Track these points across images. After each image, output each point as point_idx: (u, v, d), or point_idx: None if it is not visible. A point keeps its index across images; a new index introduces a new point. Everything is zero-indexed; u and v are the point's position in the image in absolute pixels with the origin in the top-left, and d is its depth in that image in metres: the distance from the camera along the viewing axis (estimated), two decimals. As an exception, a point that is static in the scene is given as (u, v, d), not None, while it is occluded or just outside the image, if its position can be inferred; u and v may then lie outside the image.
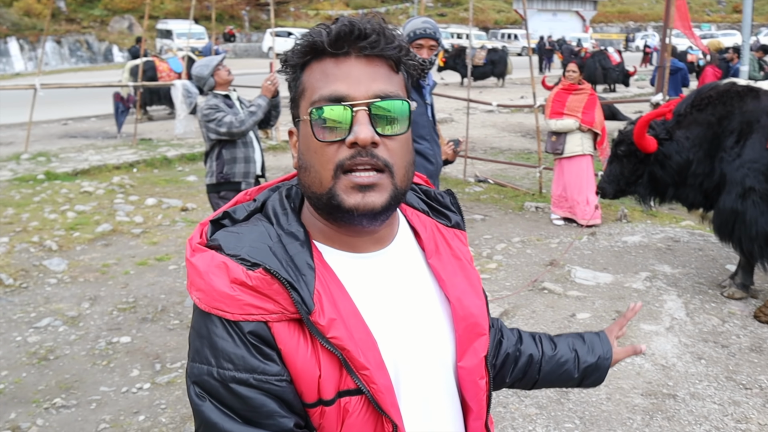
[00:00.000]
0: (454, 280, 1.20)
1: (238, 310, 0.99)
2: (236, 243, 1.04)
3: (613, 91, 22.14)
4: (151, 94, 14.84)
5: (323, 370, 1.02)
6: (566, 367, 1.51)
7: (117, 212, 7.93)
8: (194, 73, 4.90)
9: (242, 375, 0.99)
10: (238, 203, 1.17)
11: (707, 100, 5.17)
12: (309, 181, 1.07)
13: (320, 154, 1.04)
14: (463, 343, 1.18)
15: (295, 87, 1.10)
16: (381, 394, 1.03)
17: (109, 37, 36.00)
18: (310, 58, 1.07)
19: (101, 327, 4.99)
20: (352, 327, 1.03)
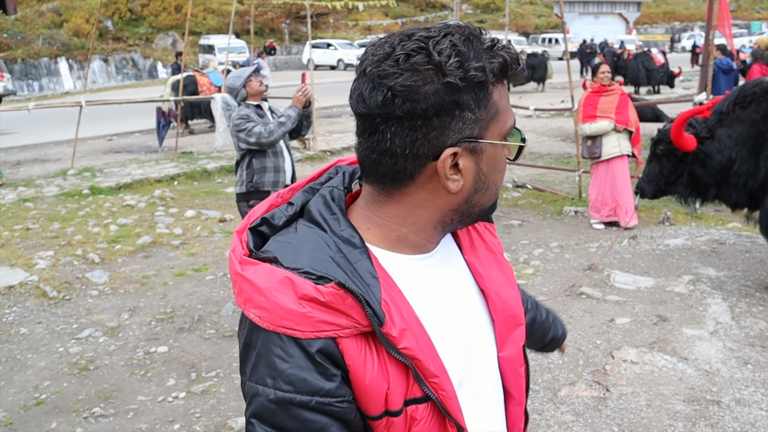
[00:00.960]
0: (491, 274, 1.20)
1: (309, 327, 0.95)
2: (294, 255, 1.00)
3: (657, 92, 21.71)
4: (192, 108, 15.09)
5: (392, 382, 1.00)
6: (545, 333, 1.68)
7: (157, 224, 8.07)
8: (227, 84, 4.97)
9: (303, 398, 0.96)
10: (272, 207, 1.12)
11: (751, 97, 5.02)
12: (484, 199, 1.09)
13: (504, 171, 1.09)
14: (502, 335, 1.19)
15: (484, 107, 1.01)
16: (449, 399, 1.03)
17: (153, 54, 36.78)
18: (497, 79, 1.02)
19: (140, 337, 5.06)
20: (418, 335, 1.02)
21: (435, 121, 0.98)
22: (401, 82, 0.96)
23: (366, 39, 43.97)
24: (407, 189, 1.04)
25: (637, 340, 4.68)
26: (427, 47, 0.96)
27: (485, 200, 1.08)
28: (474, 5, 51.72)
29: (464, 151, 1.02)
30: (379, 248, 1.07)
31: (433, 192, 1.04)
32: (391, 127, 0.99)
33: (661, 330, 4.82)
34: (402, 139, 0.99)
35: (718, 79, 10.87)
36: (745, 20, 46.85)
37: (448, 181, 1.02)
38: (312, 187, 1.15)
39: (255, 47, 27.04)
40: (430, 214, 1.07)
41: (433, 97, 0.96)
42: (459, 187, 1.03)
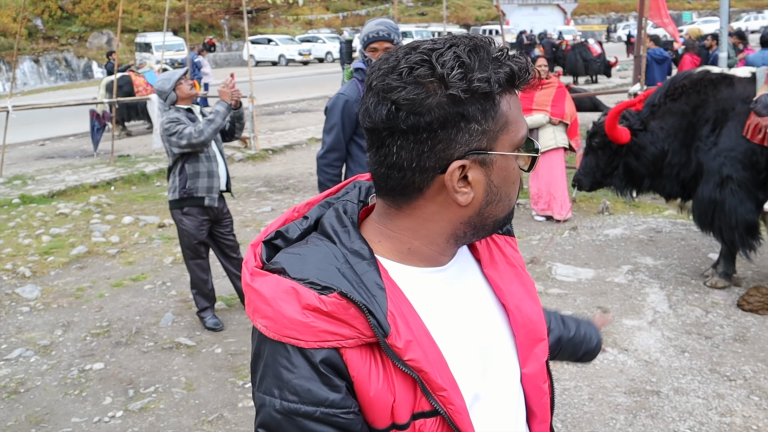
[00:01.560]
0: (511, 288, 1.19)
1: (313, 337, 0.95)
2: (301, 265, 1.00)
3: (595, 82, 22.12)
4: (128, 109, 14.67)
5: (398, 395, 0.99)
6: (576, 348, 1.59)
7: (93, 233, 7.79)
8: (156, 87, 4.81)
9: (308, 408, 0.96)
10: (288, 221, 1.12)
11: (681, 90, 5.11)
12: (498, 211, 1.07)
13: (517, 182, 1.08)
14: (524, 350, 1.18)
15: (492, 118, 1.00)
16: (458, 414, 1.02)
17: (88, 54, 35.75)
18: (505, 89, 1.00)
19: (74, 354, 4.86)
20: (426, 347, 1.00)
21: (440, 134, 0.98)
22: (404, 96, 0.96)
23: (307, 33, 43.62)
24: (417, 202, 1.04)
25: (579, 333, 4.71)
26: (430, 59, 0.96)
27: (498, 212, 1.07)
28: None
29: (473, 164, 1.01)
30: (390, 261, 1.07)
31: (443, 205, 1.04)
32: (397, 141, 0.99)
33: (602, 322, 4.87)
34: (408, 152, 0.99)
35: (651, 69, 11.09)
36: (676, 10, 48.08)
37: (457, 194, 1.01)
38: (328, 202, 1.16)
39: (194, 44, 26.52)
40: (441, 227, 1.06)
41: (437, 110, 0.96)
42: (469, 200, 1.03)
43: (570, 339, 1.56)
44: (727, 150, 4.88)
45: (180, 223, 4.85)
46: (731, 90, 4.95)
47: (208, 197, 4.75)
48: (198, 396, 4.22)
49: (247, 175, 11.02)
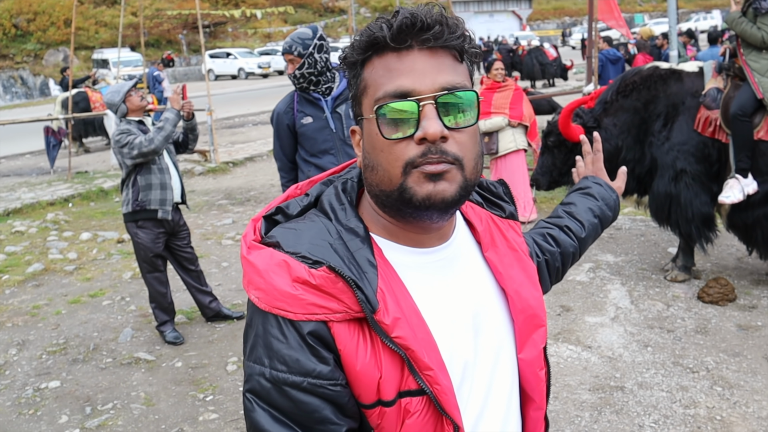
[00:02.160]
0: (511, 273, 1.18)
1: (301, 309, 0.97)
2: (295, 240, 1.02)
3: (552, 85, 22.40)
4: (85, 125, 14.44)
5: (384, 371, 1.00)
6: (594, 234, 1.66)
7: (50, 250, 7.61)
8: (105, 100, 4.72)
9: (295, 378, 0.97)
10: (289, 198, 1.14)
11: (632, 86, 5.17)
12: (377, 179, 1.04)
13: (388, 152, 1.01)
14: (522, 335, 1.17)
15: (356, 84, 1.06)
16: (444, 395, 1.01)
17: (44, 71, 35.12)
18: (371, 53, 1.03)
19: (29, 373, 4.72)
20: (415, 326, 1.01)
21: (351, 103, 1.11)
22: None
23: (266, 46, 43.47)
24: None
25: (543, 332, 4.72)
26: None
27: (378, 180, 1.03)
28: (372, 8, 51.98)
29: (360, 128, 1.09)
30: (384, 239, 1.08)
31: None
32: None
33: (564, 320, 4.89)
34: None
35: (606, 69, 11.25)
36: (628, 13, 48.98)
37: (358, 156, 1.10)
38: (330, 180, 1.17)
39: (153, 60, 26.25)
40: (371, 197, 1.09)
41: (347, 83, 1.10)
42: (360, 163, 1.09)
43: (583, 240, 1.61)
44: (680, 144, 4.95)
45: (135, 237, 4.75)
46: (680, 85, 5.02)
47: (162, 210, 4.66)
48: (158, 411, 4.12)
49: (208, 188, 10.88)
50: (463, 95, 1.01)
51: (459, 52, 1.05)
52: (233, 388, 4.30)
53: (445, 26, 1.01)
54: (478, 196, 1.28)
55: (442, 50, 1.02)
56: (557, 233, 1.57)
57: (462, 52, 1.05)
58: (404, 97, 0.99)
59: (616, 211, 1.70)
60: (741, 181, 4.74)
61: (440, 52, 1.02)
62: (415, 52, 1.01)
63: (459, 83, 1.02)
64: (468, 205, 1.23)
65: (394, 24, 1.00)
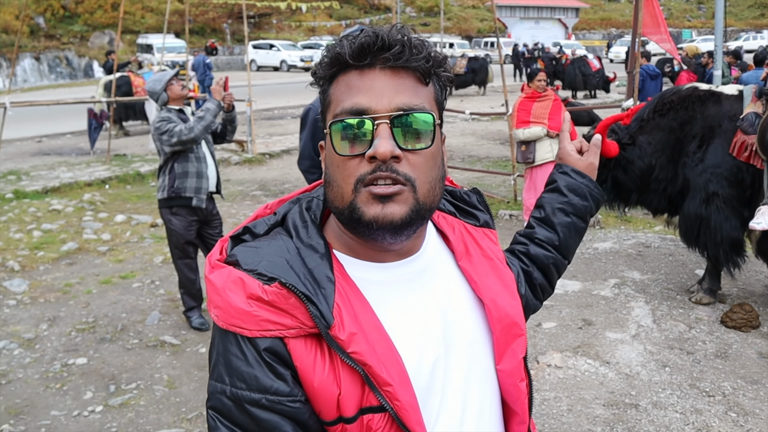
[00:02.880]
0: (487, 282, 1.17)
1: (255, 326, 0.97)
2: (253, 257, 1.02)
3: (593, 97, 22.18)
4: (126, 109, 14.72)
5: (343, 387, 0.99)
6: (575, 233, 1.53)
7: (84, 230, 7.82)
8: (147, 88, 4.84)
9: (254, 395, 0.96)
10: (258, 217, 1.14)
11: (669, 105, 5.15)
12: (332, 195, 1.04)
13: (342, 168, 1.02)
14: (500, 346, 1.15)
15: (323, 100, 1.08)
16: (405, 411, 1.00)
17: (89, 53, 35.82)
18: (336, 70, 1.04)
19: (58, 349, 4.87)
20: (375, 341, 1.00)
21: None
22: None
23: (309, 40, 43.75)
24: None
25: (562, 345, 4.74)
26: None
27: (333, 196, 1.05)
28: (417, 8, 52.00)
29: (324, 142, 1.09)
30: (347, 256, 1.08)
31: None
32: None
33: (585, 334, 4.90)
34: None
35: (645, 85, 11.15)
36: (676, 28, 48.31)
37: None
38: (299, 198, 1.17)
39: (197, 47, 26.58)
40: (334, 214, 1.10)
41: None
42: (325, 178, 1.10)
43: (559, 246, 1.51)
44: (714, 167, 4.92)
45: (169, 223, 4.87)
46: (718, 107, 4.99)
47: (196, 198, 4.77)
48: (179, 394, 4.23)
49: (243, 179, 11.04)
50: (419, 117, 1.01)
51: (423, 74, 1.04)
52: (253, 378, 4.40)
53: (407, 47, 1.01)
54: (451, 206, 1.27)
55: (405, 71, 1.02)
56: (531, 248, 1.50)
57: (426, 74, 1.04)
58: (359, 114, 1.00)
59: (594, 198, 1.55)
60: (774, 208, 4.70)
61: (402, 73, 1.02)
62: (377, 71, 1.01)
63: (416, 105, 1.01)
64: (440, 214, 1.22)
65: (356, 42, 1.01)
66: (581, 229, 1.54)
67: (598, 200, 1.55)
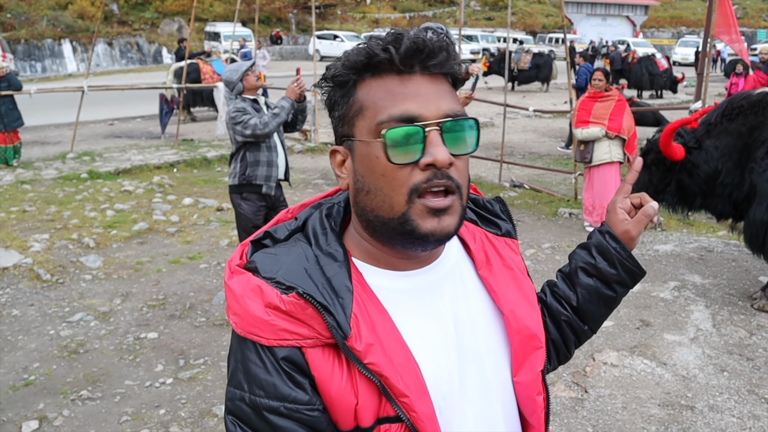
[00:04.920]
0: (506, 292, 1.16)
1: (273, 335, 0.98)
2: (272, 265, 1.02)
3: (660, 97, 21.70)
4: (194, 95, 15.15)
5: (361, 397, 0.99)
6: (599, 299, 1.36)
7: (154, 211, 8.15)
8: (224, 77, 5.03)
9: (273, 403, 0.97)
10: (279, 222, 1.15)
11: (738, 110, 5.09)
12: (374, 204, 1.02)
13: (391, 178, 0.99)
14: (518, 357, 1.14)
15: (345, 104, 1.04)
16: (421, 422, 1.00)
17: (159, 39, 36.77)
18: (368, 74, 1.02)
19: (130, 323, 5.14)
20: (392, 352, 1.00)
21: (332, 122, 1.09)
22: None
23: (373, 32, 43.95)
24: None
25: (619, 344, 4.76)
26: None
27: (375, 205, 1.02)
28: (482, 2, 51.62)
29: (345, 151, 1.07)
30: (366, 264, 1.08)
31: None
32: None
33: (643, 334, 4.91)
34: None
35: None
36: (751, 27, 46.71)
37: (339, 178, 1.09)
38: (321, 203, 1.17)
39: (263, 36, 26.94)
40: (356, 221, 1.10)
41: (328, 100, 1.08)
42: (345, 185, 1.08)
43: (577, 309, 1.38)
44: (783, 173, 4.84)
45: (238, 207, 5.07)
46: (791, 113, 4.91)
47: (266, 185, 4.95)
48: (243, 371, 4.42)
49: (306, 167, 11.27)
50: (465, 122, 1.02)
51: (455, 79, 1.07)
52: (313, 360, 4.56)
53: (449, 53, 1.03)
54: (473, 214, 1.25)
55: (441, 76, 1.04)
56: (548, 299, 1.40)
57: (458, 80, 1.07)
58: (411, 121, 0.98)
59: (626, 269, 1.33)
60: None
61: (440, 78, 1.03)
62: (418, 76, 1.01)
63: (460, 110, 1.03)
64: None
65: (401, 48, 0.99)
66: (607, 298, 1.36)
67: (632, 273, 1.34)
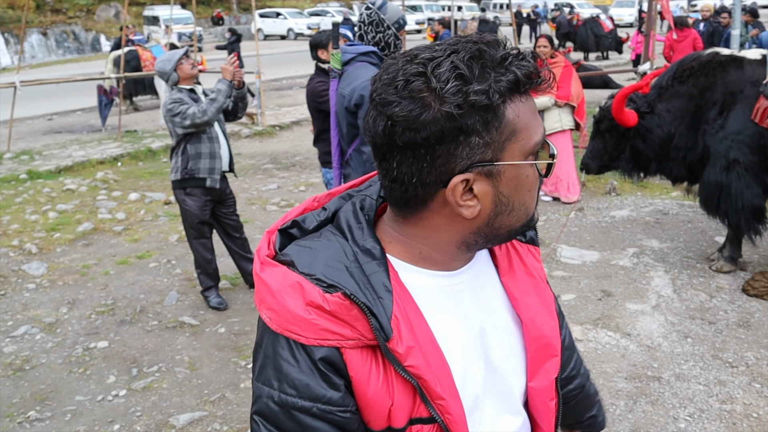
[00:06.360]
0: (527, 300, 1.16)
1: (313, 334, 0.95)
2: (310, 260, 0.99)
3: (606, 58, 21.87)
4: (135, 84, 14.65)
5: (396, 399, 0.99)
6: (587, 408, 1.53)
7: (99, 209, 7.82)
8: (157, 68, 4.79)
9: (305, 403, 0.96)
10: (306, 211, 1.11)
11: (689, 72, 5.05)
12: (513, 220, 1.03)
13: (534, 189, 1.03)
14: (534, 364, 1.16)
15: (495, 129, 0.95)
16: (455, 424, 1.01)
17: (96, 27, 35.60)
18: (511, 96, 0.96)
19: (79, 332, 4.90)
20: (429, 354, 1.00)
21: (439, 149, 0.94)
22: (399, 111, 0.93)
23: (316, 7, 43.23)
24: (422, 214, 1.02)
25: (582, 317, 4.72)
26: (425, 71, 0.92)
27: (512, 221, 1.03)
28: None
29: (478, 176, 0.97)
30: (402, 262, 1.05)
31: (450, 217, 1.01)
32: (396, 156, 0.96)
33: (605, 306, 4.87)
34: (408, 167, 0.96)
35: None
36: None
37: (462, 207, 0.99)
38: (349, 194, 1.13)
39: (203, 17, 26.26)
40: (449, 237, 1.04)
41: (433, 126, 0.92)
42: (475, 213, 1.00)
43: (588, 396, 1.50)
44: (735, 133, 4.82)
45: (183, 203, 4.85)
46: (740, 72, 4.87)
47: (210, 178, 4.75)
48: (201, 376, 4.26)
49: (254, 152, 11.00)
50: None
51: None
52: (273, 358, 4.41)
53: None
54: None
55: None
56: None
57: None
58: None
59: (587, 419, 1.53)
60: (795, 175, 4.63)
61: None
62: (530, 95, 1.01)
63: None
64: None
65: (525, 72, 0.95)
66: None
67: None
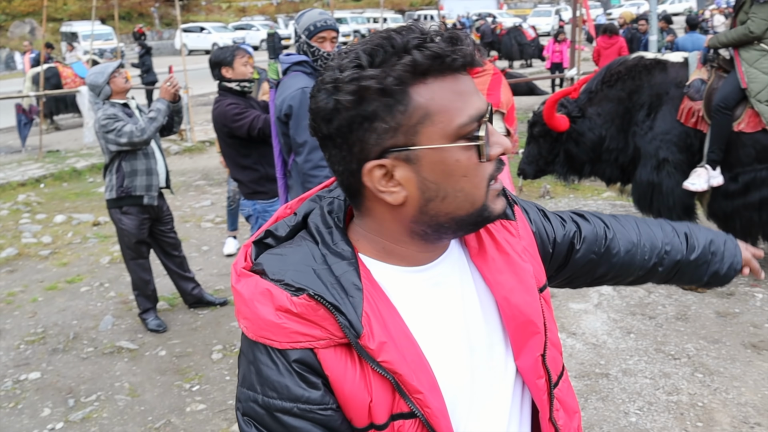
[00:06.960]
0: (500, 278, 1.13)
1: (285, 338, 0.96)
2: (280, 266, 1.00)
3: (529, 66, 22.43)
4: (56, 102, 14.13)
5: (374, 395, 0.99)
6: (700, 271, 1.53)
7: (23, 234, 7.47)
8: (88, 81, 4.59)
9: (286, 404, 0.97)
10: (279, 219, 1.11)
11: (617, 76, 5.20)
12: (451, 208, 1.00)
13: (473, 176, 0.99)
14: (517, 343, 1.14)
15: (400, 113, 0.94)
16: (435, 417, 1.01)
17: (9, 44, 34.29)
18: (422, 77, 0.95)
19: (7, 364, 4.64)
20: (404, 349, 1.00)
21: (351, 137, 0.96)
22: (316, 104, 0.97)
23: (241, 21, 42.84)
24: (366, 204, 1.03)
25: (527, 319, 4.76)
26: (335, 64, 0.96)
27: (450, 209, 1.00)
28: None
29: (396, 161, 0.97)
30: (373, 260, 1.06)
31: (386, 205, 1.01)
32: (326, 147, 1.00)
33: (548, 307, 4.93)
34: (335, 157, 1.00)
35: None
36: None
37: (384, 194, 0.99)
38: (319, 196, 1.14)
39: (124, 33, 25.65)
40: (395, 227, 1.04)
41: (339, 115, 0.95)
42: (400, 199, 0.99)
43: (691, 262, 1.51)
44: (663, 134, 4.98)
45: (119, 223, 4.67)
46: (665, 75, 5.05)
47: (147, 196, 4.59)
48: (143, 402, 4.08)
49: (185, 168, 10.75)
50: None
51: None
52: (219, 378, 4.28)
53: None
54: None
55: None
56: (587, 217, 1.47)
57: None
58: (480, 118, 0.98)
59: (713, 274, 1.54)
60: (709, 171, 4.83)
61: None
62: (463, 73, 0.98)
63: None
64: None
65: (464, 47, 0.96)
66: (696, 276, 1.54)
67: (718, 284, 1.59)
